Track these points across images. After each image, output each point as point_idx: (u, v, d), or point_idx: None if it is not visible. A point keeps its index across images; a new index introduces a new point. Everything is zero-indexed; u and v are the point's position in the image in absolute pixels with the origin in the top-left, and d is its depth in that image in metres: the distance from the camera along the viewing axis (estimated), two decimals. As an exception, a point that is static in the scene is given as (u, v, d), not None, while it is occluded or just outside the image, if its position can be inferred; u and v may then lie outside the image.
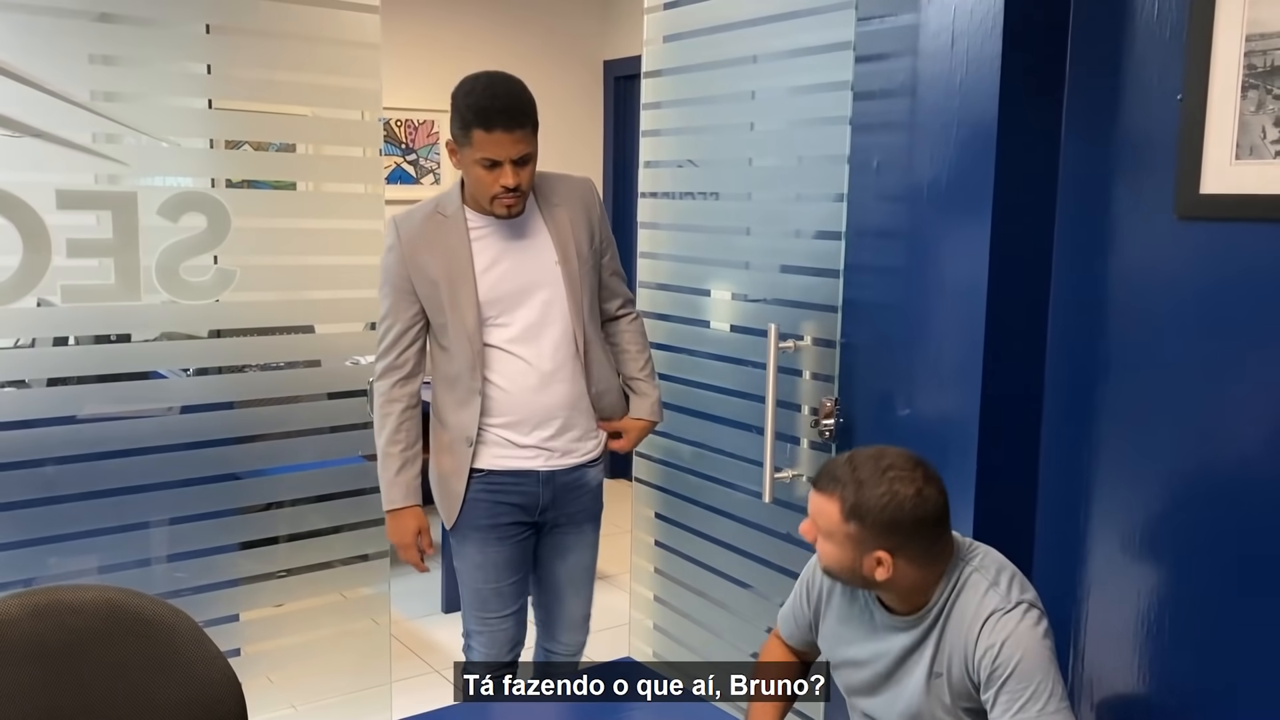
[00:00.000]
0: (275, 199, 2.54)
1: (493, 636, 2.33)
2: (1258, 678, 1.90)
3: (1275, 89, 1.84)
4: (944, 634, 1.67)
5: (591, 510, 2.41)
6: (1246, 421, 1.90)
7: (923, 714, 1.69)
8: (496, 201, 2.16)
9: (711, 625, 2.85)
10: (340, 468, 2.72)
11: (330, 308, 2.63)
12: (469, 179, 2.18)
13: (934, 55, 2.18)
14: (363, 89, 2.52)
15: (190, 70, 2.44)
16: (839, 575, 1.71)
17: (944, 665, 1.67)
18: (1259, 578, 1.88)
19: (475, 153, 2.10)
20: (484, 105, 2.08)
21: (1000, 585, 1.67)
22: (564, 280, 2.23)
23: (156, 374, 2.59)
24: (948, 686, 1.66)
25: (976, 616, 1.63)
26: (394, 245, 2.23)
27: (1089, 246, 2.14)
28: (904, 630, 1.72)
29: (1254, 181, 1.88)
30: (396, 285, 2.22)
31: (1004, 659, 1.58)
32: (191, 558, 2.52)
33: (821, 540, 1.68)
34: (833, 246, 2.39)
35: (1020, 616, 1.62)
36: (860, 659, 1.78)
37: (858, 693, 1.82)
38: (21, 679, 1.36)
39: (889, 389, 2.33)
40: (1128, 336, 2.09)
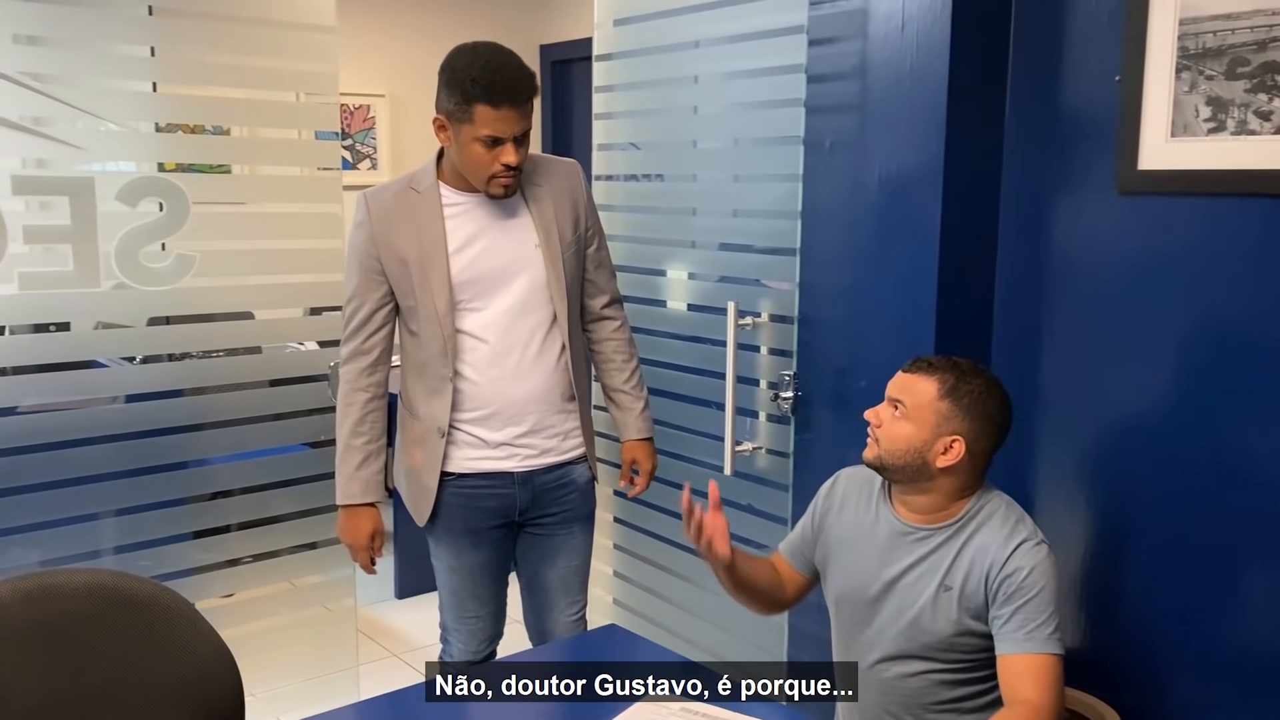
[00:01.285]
0: (234, 184, 2.52)
1: (470, 634, 2.25)
2: (1191, 602, 2.03)
3: (1207, 70, 1.95)
4: (963, 550, 1.77)
5: (581, 510, 2.26)
6: (1177, 378, 2.03)
7: (923, 623, 1.78)
8: (494, 181, 2.03)
9: (673, 598, 2.92)
10: (285, 456, 2.69)
11: (297, 292, 2.59)
12: (463, 156, 2.04)
13: (885, 39, 2.25)
14: (316, 72, 2.51)
15: (133, 53, 2.42)
16: (900, 458, 1.78)
17: (956, 579, 1.75)
18: (1187, 515, 2.01)
19: (477, 129, 1.97)
20: (492, 79, 1.95)
21: (1026, 521, 1.79)
22: (545, 265, 2.10)
23: (97, 363, 2.55)
24: (956, 600, 1.75)
25: (1010, 539, 1.74)
26: (363, 221, 2.09)
27: (1034, 222, 2.24)
28: (919, 540, 1.81)
29: (1188, 158, 1.99)
30: (364, 264, 2.09)
31: (1031, 583, 1.70)
32: (141, 548, 2.49)
33: (898, 421, 1.78)
34: (789, 226, 2.46)
35: (1047, 552, 1.75)
36: (864, 566, 1.85)
37: (854, 602, 1.87)
38: (16, 666, 1.36)
39: (846, 363, 2.41)
40: (1071, 306, 2.19)
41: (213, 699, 1.48)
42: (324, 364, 2.68)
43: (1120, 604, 2.16)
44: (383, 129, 5.40)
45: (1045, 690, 1.66)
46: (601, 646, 1.69)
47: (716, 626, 2.75)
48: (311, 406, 2.65)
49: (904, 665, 1.81)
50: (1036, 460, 2.27)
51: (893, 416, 1.80)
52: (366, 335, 2.12)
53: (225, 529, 2.67)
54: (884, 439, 1.80)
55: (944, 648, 1.77)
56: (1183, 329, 2.03)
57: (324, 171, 2.58)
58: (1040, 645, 1.68)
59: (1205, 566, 2.02)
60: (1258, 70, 1.88)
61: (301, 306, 2.69)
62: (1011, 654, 1.69)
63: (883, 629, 1.83)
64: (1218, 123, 1.94)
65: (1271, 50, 1.86)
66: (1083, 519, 2.22)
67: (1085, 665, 2.21)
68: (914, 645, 1.79)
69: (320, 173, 2.63)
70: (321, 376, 2.67)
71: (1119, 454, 2.14)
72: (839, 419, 2.43)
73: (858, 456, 2.20)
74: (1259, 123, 1.89)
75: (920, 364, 1.82)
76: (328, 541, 2.74)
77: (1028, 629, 1.69)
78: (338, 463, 2.16)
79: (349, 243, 2.14)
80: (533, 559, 2.26)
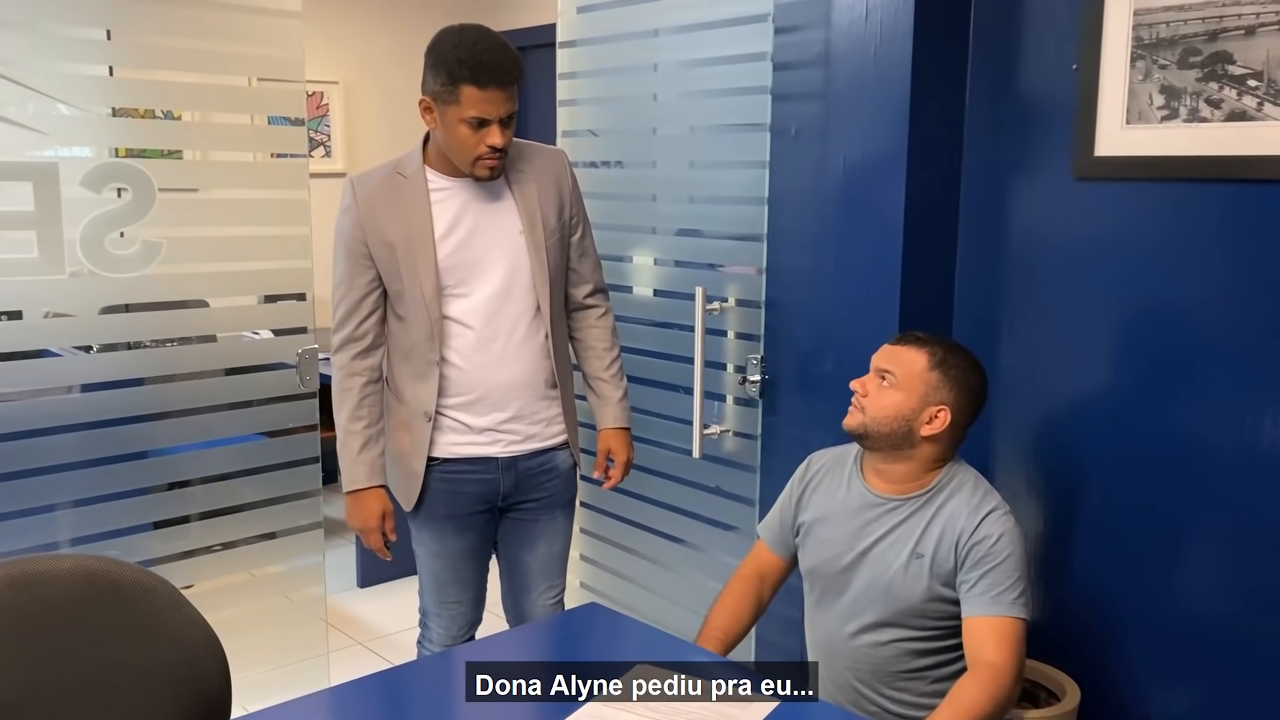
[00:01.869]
0: (200, 170, 2.49)
1: (451, 619, 2.25)
2: (1145, 575, 2.11)
3: (1160, 59, 2.02)
4: (934, 519, 1.83)
5: (563, 495, 2.26)
6: (1131, 358, 2.10)
7: (895, 590, 1.84)
8: (480, 163, 2.02)
9: (640, 581, 2.95)
10: (243, 445, 2.66)
11: (265, 278, 2.56)
12: (449, 138, 2.02)
13: (849, 27, 2.29)
14: (281, 58, 2.49)
15: (89, 36, 2.38)
16: (887, 425, 1.84)
17: (928, 547, 1.82)
18: (1140, 491, 2.10)
19: (463, 110, 1.96)
20: (479, 60, 1.94)
21: (994, 493, 1.86)
22: (529, 251, 2.10)
23: (49, 353, 2.52)
24: (928, 567, 1.81)
25: (979, 508, 1.82)
26: (350, 206, 2.08)
27: (994, 207, 2.30)
28: (890, 511, 1.87)
29: (1142, 144, 2.06)
30: (351, 249, 2.09)
31: (999, 549, 1.77)
32: (100, 540, 2.45)
33: (886, 390, 1.84)
34: (756, 211, 2.50)
35: (1014, 522, 1.82)
36: (838, 537, 1.91)
37: (827, 573, 1.92)
38: (3, 651, 1.36)
39: (812, 346, 2.46)
40: (1030, 288, 2.26)
41: (200, 681, 1.49)
42: (281, 352, 2.66)
43: (1078, 578, 2.24)
44: (336, 116, 5.35)
45: (1007, 652, 1.72)
46: (585, 627, 1.71)
47: (684, 609, 2.79)
48: (269, 395, 2.63)
49: (877, 634, 1.86)
50: (996, 438, 2.33)
51: (880, 386, 1.86)
52: (358, 322, 2.12)
53: (185, 519, 2.65)
54: (871, 406, 1.85)
55: (916, 614, 1.83)
56: (1137, 310, 2.11)
57: (289, 158, 2.56)
58: (1005, 609, 1.75)
59: (1157, 541, 2.10)
60: (1208, 60, 1.95)
61: (272, 293, 2.66)
62: (976, 616, 1.76)
63: (856, 598, 1.88)
64: (1171, 110, 2.01)
65: (1221, 40, 1.93)
66: (1040, 496, 2.29)
67: (1045, 638, 2.28)
68: (887, 612, 1.85)
69: (283, 160, 2.60)
70: (278, 365, 2.66)
71: (1076, 432, 2.21)
72: (806, 401, 2.48)
73: (825, 438, 2.25)
74: (1210, 110, 1.96)
75: (909, 337, 1.89)
76: (287, 531, 2.73)
77: (994, 593, 1.75)
78: (339, 449, 2.14)
79: (336, 228, 2.12)
80: (514, 543, 2.27)
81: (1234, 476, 1.99)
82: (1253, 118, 1.90)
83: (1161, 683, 2.13)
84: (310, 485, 2.68)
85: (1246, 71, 1.91)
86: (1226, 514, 2.01)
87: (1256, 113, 1.90)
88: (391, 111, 5.55)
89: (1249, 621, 2.00)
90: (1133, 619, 2.15)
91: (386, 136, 5.54)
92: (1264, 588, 1.97)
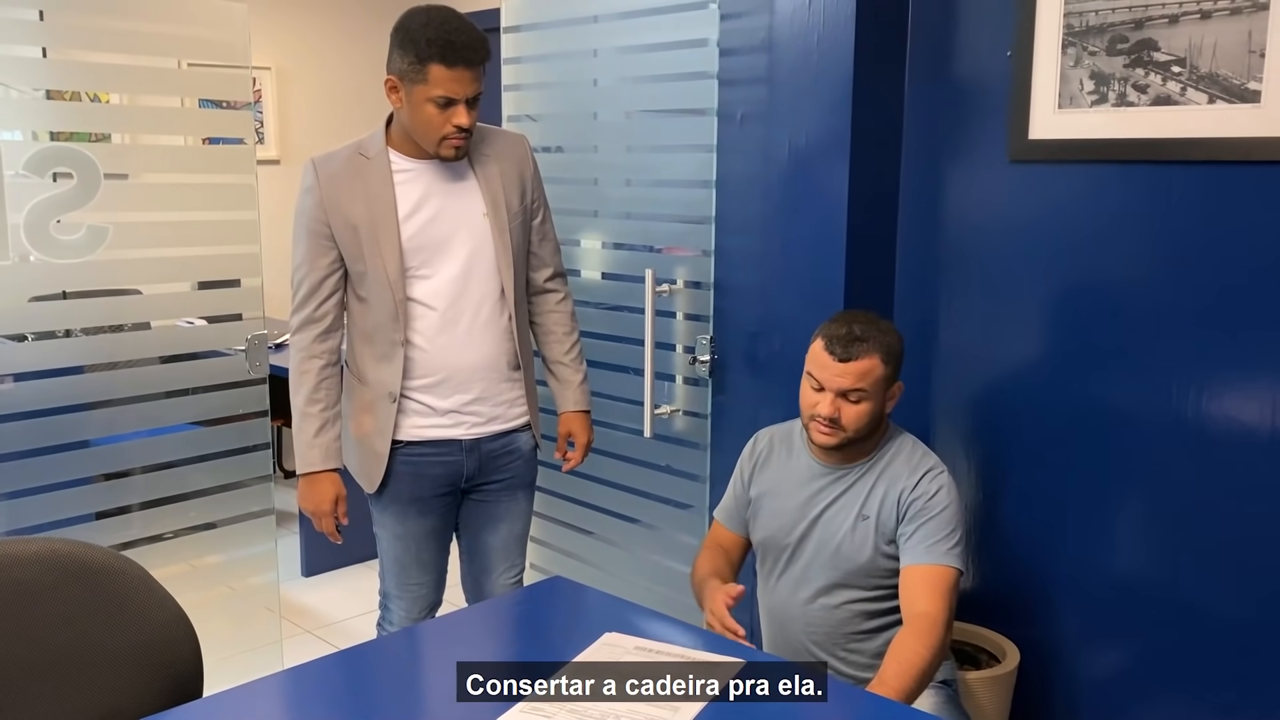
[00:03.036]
0: (146, 154, 2.45)
1: (413, 600, 2.26)
2: (1077, 540, 2.21)
3: (1090, 46, 2.11)
4: (877, 481, 1.92)
5: (524, 477, 2.28)
6: (1062, 332, 2.20)
7: (843, 552, 1.92)
8: (445, 143, 2.03)
9: (595, 560, 2.99)
10: (179, 435, 2.63)
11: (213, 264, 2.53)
12: (414, 118, 2.02)
13: (793, 14, 2.35)
14: (224, 42, 2.46)
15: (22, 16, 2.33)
16: (865, 429, 1.89)
17: (872, 508, 1.91)
18: (1071, 459, 2.20)
19: (430, 90, 1.97)
20: (447, 39, 1.95)
21: (931, 454, 1.95)
22: (492, 233, 2.11)
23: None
24: (873, 528, 1.90)
25: (919, 466, 1.91)
26: (312, 187, 2.06)
27: (932, 188, 2.38)
28: (838, 479, 1.95)
29: (1074, 128, 2.15)
30: (312, 229, 2.07)
31: (936, 504, 1.87)
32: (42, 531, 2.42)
33: (859, 405, 1.87)
34: (704, 195, 2.55)
35: (950, 479, 1.91)
36: (789, 508, 1.98)
37: (779, 544, 1.99)
38: (-30, 634, 1.35)
39: (760, 326, 2.52)
40: (966, 266, 2.34)
41: (171, 662, 1.50)
42: (216, 340, 2.64)
43: (1016, 545, 2.34)
44: (269, 102, 5.27)
45: (939, 600, 1.81)
46: (550, 600, 1.75)
47: (637, 587, 2.84)
48: (217, 382, 2.61)
49: (829, 596, 1.93)
50: (934, 411, 2.42)
51: (850, 404, 1.87)
52: (318, 303, 2.10)
53: (125, 510, 2.60)
54: (850, 423, 1.88)
55: (864, 574, 1.91)
56: (1068, 286, 2.21)
57: (236, 144, 2.53)
58: (939, 558, 1.83)
59: (1089, 508, 2.21)
60: (1135, 47, 2.05)
61: (221, 278, 2.63)
62: (911, 565, 1.84)
63: (809, 564, 1.95)
64: (1100, 95, 2.10)
65: (1147, 29, 2.03)
66: (977, 466, 2.38)
67: (985, 603, 2.38)
68: (838, 574, 1.92)
69: (230, 145, 2.58)
70: (210, 353, 2.64)
71: (1011, 405, 2.31)
72: (754, 379, 2.54)
73: (773, 414, 2.32)
74: (1137, 95, 2.06)
75: (851, 346, 1.87)
76: (239, 518, 2.71)
77: (929, 542, 1.84)
78: (295, 431, 2.12)
79: (297, 209, 2.09)
80: (475, 524, 2.28)
81: (1158, 444, 2.10)
82: (1176, 102, 2.01)
83: (1096, 643, 2.24)
84: (261, 471, 2.68)
85: (1170, 58, 2.01)
86: (1153, 481, 2.12)
87: (1180, 97, 2.00)
88: (325, 98, 5.49)
89: (1175, 582, 2.11)
90: (1067, 583, 2.26)
91: (320, 123, 5.48)
92: (1187, 550, 2.08)
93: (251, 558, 2.73)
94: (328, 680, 1.44)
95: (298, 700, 1.43)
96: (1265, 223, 1.94)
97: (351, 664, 1.53)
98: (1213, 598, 2.07)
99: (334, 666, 1.52)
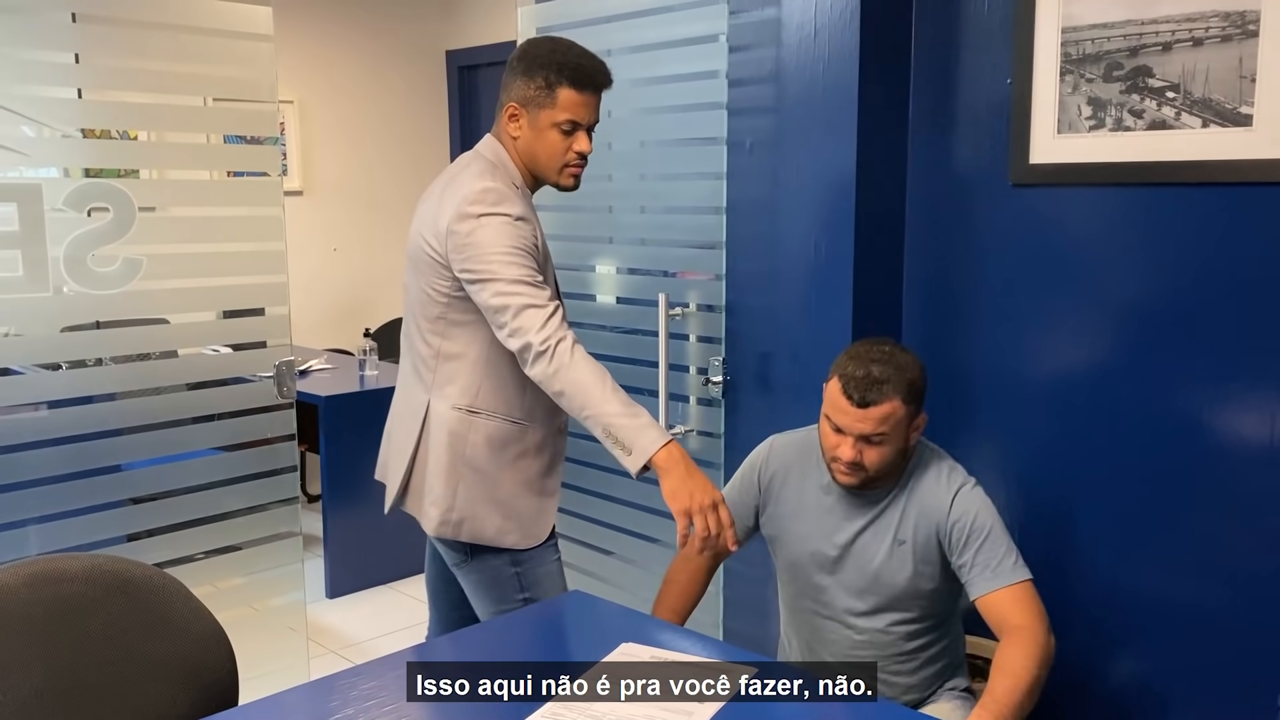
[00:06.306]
0: (178, 189, 2.55)
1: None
2: (1088, 551, 2.26)
3: (1087, 74, 2.18)
4: (908, 505, 1.90)
5: None
6: (1065, 349, 2.26)
7: (883, 578, 1.90)
8: (566, 171, 2.01)
9: (611, 577, 3.05)
10: (223, 456, 2.71)
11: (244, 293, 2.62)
12: (538, 144, 1.98)
13: (799, 46, 2.43)
14: (251, 80, 2.56)
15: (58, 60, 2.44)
16: (889, 467, 1.85)
17: (908, 533, 1.89)
18: (1081, 474, 2.25)
19: (557, 114, 1.95)
20: (580, 64, 1.96)
21: (956, 467, 1.92)
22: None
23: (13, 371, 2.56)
24: (911, 552, 1.88)
25: (948, 488, 1.87)
26: (526, 216, 1.94)
27: (937, 213, 2.45)
28: (865, 506, 1.92)
29: (1073, 152, 2.22)
30: (534, 255, 1.92)
31: (978, 526, 1.84)
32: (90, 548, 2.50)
33: (882, 447, 1.82)
34: (715, 220, 2.62)
35: (981, 492, 1.89)
36: (818, 533, 1.96)
37: (810, 566, 1.97)
38: (21, 646, 1.43)
39: (770, 348, 2.58)
40: (972, 288, 2.41)
41: (207, 674, 1.58)
42: (237, 368, 2.73)
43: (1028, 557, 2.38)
44: (292, 135, 5.40)
45: (1029, 614, 1.78)
46: (568, 612, 1.81)
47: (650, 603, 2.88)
48: (247, 407, 2.69)
49: (871, 619, 1.94)
50: (939, 431, 2.48)
51: (871, 446, 1.83)
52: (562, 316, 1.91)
53: (155, 532, 2.68)
54: (872, 466, 1.84)
55: (907, 595, 1.91)
56: (1069, 305, 2.26)
57: (263, 177, 2.63)
58: (1008, 578, 1.81)
59: (1092, 521, 2.26)
60: (1130, 74, 2.12)
61: (250, 306, 2.72)
62: (985, 594, 1.82)
63: (847, 586, 1.94)
64: (1098, 120, 2.17)
65: (1142, 56, 2.10)
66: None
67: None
68: (880, 598, 1.92)
69: (258, 179, 2.67)
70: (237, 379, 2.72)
71: (1015, 422, 2.36)
72: (766, 400, 2.61)
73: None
74: (1133, 120, 2.12)
75: (870, 391, 1.80)
76: (268, 539, 2.78)
77: (992, 567, 1.82)
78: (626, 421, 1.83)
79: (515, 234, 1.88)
80: None
81: (1162, 459, 2.15)
82: (1171, 126, 2.07)
83: (1108, 656, 2.28)
84: (288, 494, 2.75)
85: (1165, 84, 2.08)
86: (1157, 495, 2.16)
87: (1175, 121, 2.07)
88: (346, 131, 5.63)
89: (1187, 596, 2.16)
90: (1078, 596, 2.31)
91: (341, 155, 5.61)
92: (1194, 562, 2.13)
93: (278, 578, 2.80)
94: (357, 689, 1.51)
95: (329, 708, 1.50)
96: (1258, 241, 1.99)
97: (378, 674, 1.59)
98: (1226, 610, 2.11)
99: (364, 677, 1.58)
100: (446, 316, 2.00)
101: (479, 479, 2.02)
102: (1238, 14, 1.97)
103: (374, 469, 2.22)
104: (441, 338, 2.01)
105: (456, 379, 2.01)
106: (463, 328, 1.99)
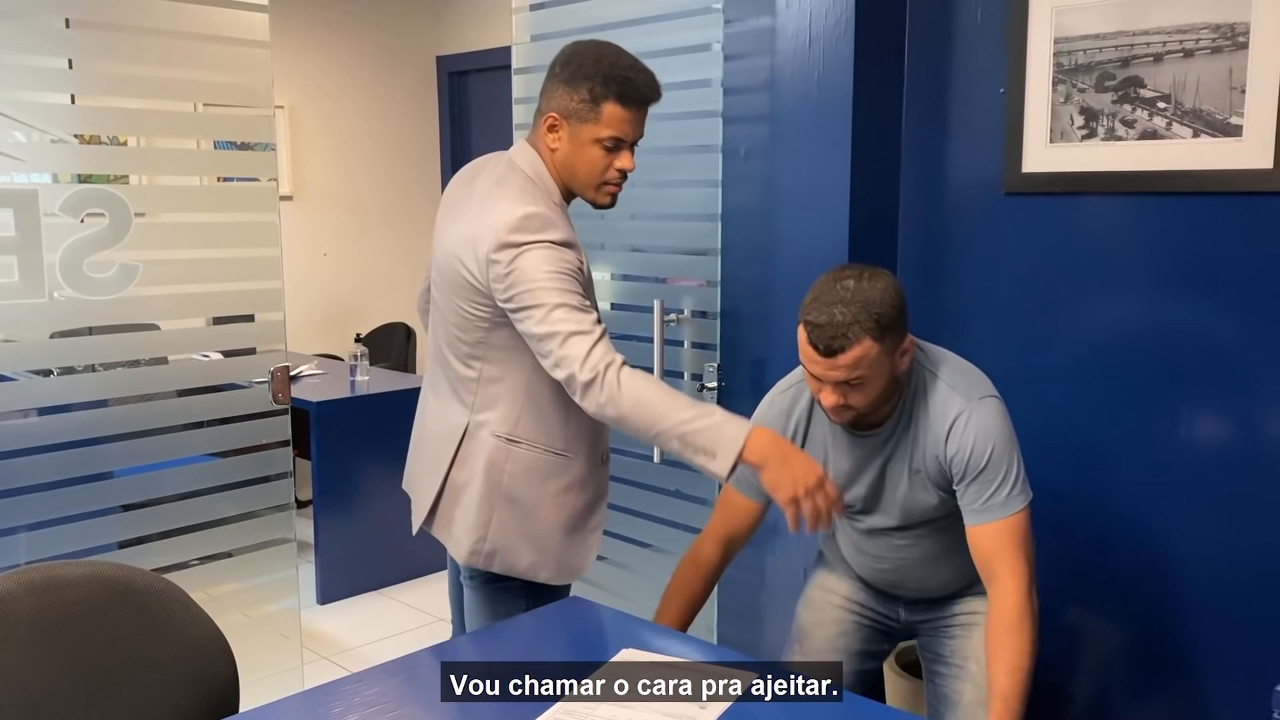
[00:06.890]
0: (174, 194, 2.54)
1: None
2: (1075, 570, 2.28)
3: (1079, 84, 2.21)
4: (915, 436, 1.82)
5: None
6: (1055, 355, 2.28)
7: (911, 507, 1.87)
8: (604, 188, 1.88)
9: (605, 583, 3.06)
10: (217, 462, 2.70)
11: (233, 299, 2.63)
12: (577, 158, 1.85)
13: (794, 55, 2.45)
14: (247, 86, 2.56)
15: (52, 65, 2.44)
16: (879, 399, 1.75)
17: (921, 462, 1.82)
18: (1070, 486, 2.27)
19: (601, 129, 1.82)
20: (628, 77, 1.81)
21: (959, 386, 1.80)
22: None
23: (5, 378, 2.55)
24: (928, 478, 1.83)
25: (943, 420, 1.78)
26: (570, 240, 1.83)
27: (930, 220, 2.47)
28: (879, 443, 1.85)
29: (1065, 161, 2.25)
30: (575, 276, 1.81)
31: (976, 456, 1.76)
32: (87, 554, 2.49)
33: (865, 386, 1.71)
34: (710, 227, 2.64)
35: (984, 412, 1.77)
36: (842, 478, 1.90)
37: (853, 512, 1.95)
38: (24, 653, 1.42)
39: (765, 353, 2.60)
40: (964, 295, 2.43)
41: (209, 680, 1.58)
42: (232, 373, 2.72)
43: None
44: (282, 140, 5.39)
45: (1010, 559, 1.73)
46: (568, 618, 1.82)
47: (646, 609, 2.89)
48: (242, 413, 2.69)
49: (911, 532, 1.91)
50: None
51: (853, 389, 1.73)
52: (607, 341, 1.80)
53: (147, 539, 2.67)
54: (860, 403, 1.75)
55: (940, 514, 1.88)
56: (1060, 311, 2.29)
57: (258, 182, 2.63)
58: (995, 513, 1.75)
59: (1084, 526, 2.28)
60: (1122, 84, 2.14)
61: (245, 312, 2.72)
62: (972, 526, 1.78)
63: (884, 513, 1.91)
64: (1090, 130, 2.20)
65: (1133, 66, 2.13)
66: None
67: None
68: (915, 519, 1.89)
69: (253, 184, 2.66)
70: (229, 386, 2.72)
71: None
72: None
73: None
74: (1124, 129, 2.15)
75: (838, 337, 1.67)
76: (248, 548, 2.77)
77: (983, 499, 1.76)
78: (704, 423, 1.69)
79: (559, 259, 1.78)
80: None
81: (1146, 469, 2.18)
82: (1162, 136, 2.10)
83: (1105, 656, 2.31)
84: (282, 500, 2.75)
85: (1156, 94, 2.10)
86: (1143, 504, 2.19)
87: (1165, 131, 2.10)
88: (336, 136, 5.62)
89: (1178, 598, 2.18)
90: (1071, 599, 2.33)
91: (331, 160, 5.60)
92: (1183, 565, 2.15)
93: (272, 584, 2.80)
94: (359, 695, 1.51)
95: (329, 716, 1.50)
96: (1247, 249, 2.02)
97: (381, 680, 1.59)
98: (1216, 612, 2.14)
99: (366, 683, 1.58)
100: (488, 340, 1.88)
101: (515, 511, 1.92)
102: (1228, 26, 1.99)
103: (366, 474, 2.22)
104: (483, 361, 1.90)
105: (497, 404, 1.90)
106: (504, 352, 1.88)
